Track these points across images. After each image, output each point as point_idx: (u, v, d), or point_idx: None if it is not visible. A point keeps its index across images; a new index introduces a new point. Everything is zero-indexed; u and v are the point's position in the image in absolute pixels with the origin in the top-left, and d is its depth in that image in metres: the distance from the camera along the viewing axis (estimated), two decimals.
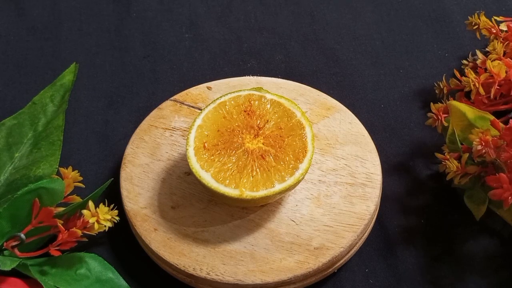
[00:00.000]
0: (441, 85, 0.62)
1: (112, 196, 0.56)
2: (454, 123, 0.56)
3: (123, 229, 0.56)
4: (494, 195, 0.49)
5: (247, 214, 0.54)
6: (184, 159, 0.57)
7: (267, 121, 0.54)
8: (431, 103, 0.58)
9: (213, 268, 0.51)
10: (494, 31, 0.61)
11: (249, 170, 0.51)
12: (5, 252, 0.52)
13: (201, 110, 0.55)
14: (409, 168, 0.60)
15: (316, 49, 0.70)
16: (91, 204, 0.51)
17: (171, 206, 0.55)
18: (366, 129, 0.59)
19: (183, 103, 0.61)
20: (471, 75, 0.57)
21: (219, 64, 0.69)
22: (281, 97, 0.55)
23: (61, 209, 0.53)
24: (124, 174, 0.57)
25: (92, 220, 0.50)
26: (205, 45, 0.71)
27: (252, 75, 0.64)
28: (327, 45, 0.70)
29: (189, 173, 0.55)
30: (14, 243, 0.51)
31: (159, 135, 0.59)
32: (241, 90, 0.56)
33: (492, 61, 0.57)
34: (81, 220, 0.51)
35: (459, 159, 0.54)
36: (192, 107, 0.61)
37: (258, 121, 0.54)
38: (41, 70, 0.68)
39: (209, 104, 0.55)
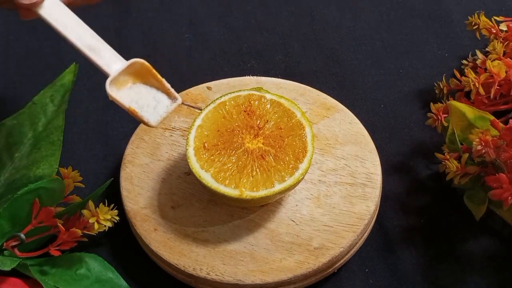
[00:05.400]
0: (441, 85, 0.62)
1: (112, 196, 0.56)
2: (454, 123, 0.56)
3: (123, 229, 0.56)
4: (494, 195, 0.49)
5: (247, 214, 0.54)
6: (184, 159, 0.57)
7: (267, 121, 0.54)
8: (431, 103, 0.58)
9: (213, 268, 0.51)
10: (494, 31, 0.61)
11: (249, 170, 0.51)
12: (5, 252, 0.52)
13: (201, 110, 0.55)
14: (409, 168, 0.60)
15: (316, 49, 0.70)
16: (91, 204, 0.51)
17: (171, 206, 0.55)
18: (366, 129, 0.59)
19: (183, 103, 0.61)
20: (471, 75, 0.57)
21: (219, 64, 0.69)
22: (281, 97, 0.55)
23: (61, 209, 0.53)
24: (124, 174, 0.57)
25: (92, 220, 0.51)
26: (205, 45, 0.71)
27: (252, 75, 0.64)
28: (327, 45, 0.70)
29: (189, 173, 0.55)
30: (14, 243, 0.51)
31: (159, 135, 0.59)
32: (241, 90, 0.56)
33: (492, 61, 0.57)
34: (81, 220, 0.51)
35: (459, 159, 0.54)
36: (192, 107, 0.61)
37: (258, 121, 0.54)
38: (41, 70, 0.68)
39: (209, 104, 0.55)
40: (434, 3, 0.73)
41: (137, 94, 0.48)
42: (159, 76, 0.48)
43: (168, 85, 0.49)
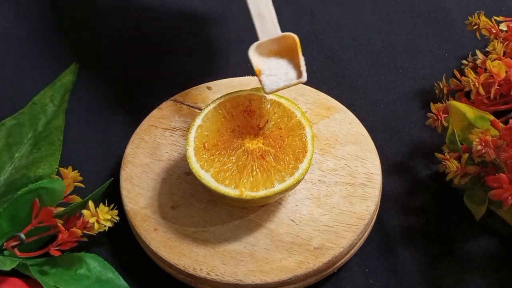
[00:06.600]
0: (441, 85, 0.62)
1: (112, 196, 0.56)
2: (454, 123, 0.56)
3: (123, 229, 0.56)
4: (494, 195, 0.49)
5: (247, 214, 0.54)
6: (184, 159, 0.57)
7: (267, 121, 0.54)
8: (431, 103, 0.58)
9: (213, 268, 0.51)
10: (494, 31, 0.61)
11: (249, 170, 0.51)
12: (5, 252, 0.52)
13: (201, 110, 0.55)
14: (409, 168, 0.60)
15: (316, 49, 0.70)
16: (91, 204, 0.51)
17: (171, 206, 0.55)
18: (366, 129, 0.59)
19: (183, 103, 0.61)
20: (471, 75, 0.57)
21: (219, 64, 0.69)
22: (281, 97, 0.55)
23: (61, 209, 0.53)
24: (124, 174, 0.57)
25: (92, 220, 0.51)
26: (205, 45, 0.71)
27: (252, 75, 0.64)
28: (327, 45, 0.70)
29: (189, 173, 0.55)
30: (14, 243, 0.51)
31: (159, 135, 0.59)
32: (241, 90, 0.56)
33: (492, 61, 0.57)
34: (81, 220, 0.51)
35: (459, 159, 0.54)
36: (192, 107, 0.61)
37: (258, 121, 0.54)
38: (41, 70, 0.68)
39: (209, 104, 0.55)
40: (434, 3, 0.73)
41: (276, 65, 0.53)
42: (300, 53, 0.52)
43: (302, 63, 0.52)
